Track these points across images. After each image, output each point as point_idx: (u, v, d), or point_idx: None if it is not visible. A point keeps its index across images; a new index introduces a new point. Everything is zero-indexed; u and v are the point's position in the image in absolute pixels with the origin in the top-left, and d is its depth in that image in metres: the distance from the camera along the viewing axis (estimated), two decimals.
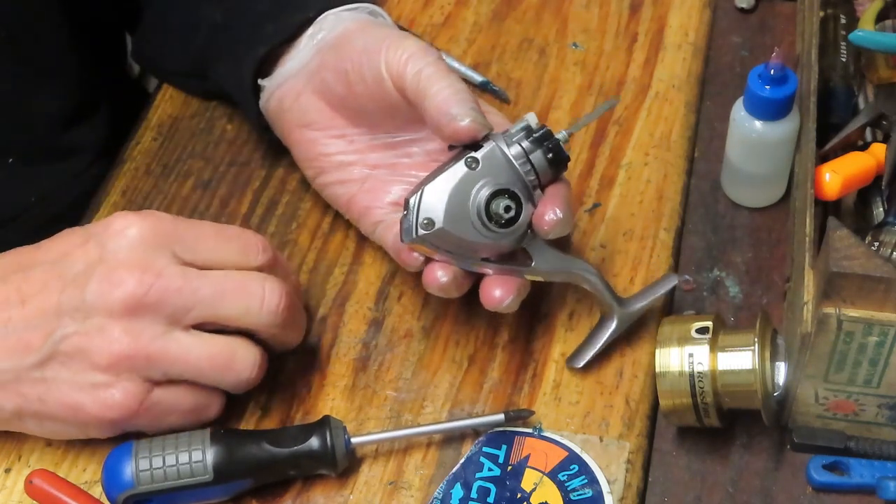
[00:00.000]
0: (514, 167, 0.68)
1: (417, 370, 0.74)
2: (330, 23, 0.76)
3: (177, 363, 0.65)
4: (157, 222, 0.66)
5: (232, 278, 0.66)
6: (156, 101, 0.90)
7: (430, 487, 0.69)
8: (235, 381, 0.67)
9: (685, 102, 0.88)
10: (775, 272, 0.78)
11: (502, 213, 0.67)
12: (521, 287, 0.69)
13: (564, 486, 0.68)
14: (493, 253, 0.69)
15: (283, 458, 0.67)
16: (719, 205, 0.82)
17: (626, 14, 0.95)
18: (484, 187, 0.67)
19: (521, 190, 0.68)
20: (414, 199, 0.67)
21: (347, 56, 0.73)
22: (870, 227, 0.74)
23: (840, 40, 0.84)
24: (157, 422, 0.67)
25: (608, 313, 0.73)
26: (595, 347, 0.73)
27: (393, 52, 0.70)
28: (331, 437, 0.67)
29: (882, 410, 0.67)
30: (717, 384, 0.67)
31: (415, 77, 0.68)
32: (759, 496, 0.68)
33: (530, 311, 0.76)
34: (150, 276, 0.64)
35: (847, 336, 0.63)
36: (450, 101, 0.67)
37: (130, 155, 0.87)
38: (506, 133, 0.69)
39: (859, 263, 0.61)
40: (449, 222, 0.67)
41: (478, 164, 0.67)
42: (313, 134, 0.76)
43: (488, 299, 0.69)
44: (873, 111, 0.77)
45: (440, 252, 0.68)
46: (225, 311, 0.66)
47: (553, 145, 0.68)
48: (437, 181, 0.67)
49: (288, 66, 0.77)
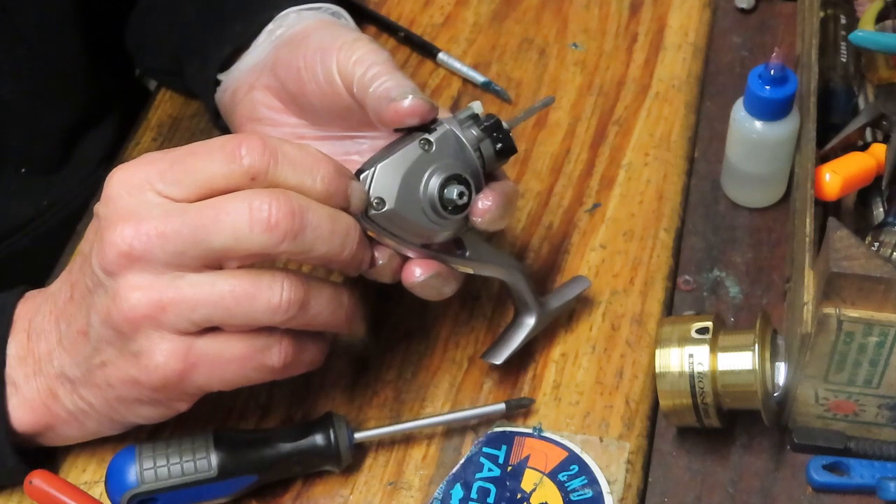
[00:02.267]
0: (468, 152, 0.66)
1: (417, 370, 0.74)
2: (290, 20, 0.76)
3: (198, 306, 0.61)
4: (135, 167, 0.61)
5: (211, 204, 0.60)
6: (156, 101, 0.90)
7: (430, 487, 0.69)
8: (266, 308, 0.61)
9: (685, 102, 0.88)
10: (775, 272, 0.78)
11: (455, 200, 0.65)
12: (442, 271, 0.67)
13: (564, 486, 0.68)
14: (434, 240, 0.67)
15: (287, 453, 0.67)
16: (719, 205, 0.82)
17: (626, 14, 0.95)
18: (437, 172, 0.65)
19: (472, 177, 0.66)
20: (366, 176, 0.65)
21: (301, 54, 0.71)
22: (870, 227, 0.74)
23: (840, 40, 0.84)
24: (218, 375, 0.63)
25: (526, 312, 0.73)
26: (514, 345, 0.72)
27: (345, 54, 0.69)
28: (334, 432, 0.67)
29: (882, 411, 0.67)
30: (717, 384, 0.67)
31: (361, 78, 0.67)
32: (759, 496, 0.68)
33: None
34: (130, 227, 0.60)
35: (847, 336, 0.63)
36: (390, 88, 0.66)
37: (130, 155, 0.87)
38: (455, 117, 0.67)
39: (859, 264, 0.61)
40: (400, 204, 0.65)
41: (431, 147, 0.65)
42: (262, 128, 0.75)
43: (408, 277, 0.67)
44: (873, 111, 0.77)
45: (384, 234, 0.65)
46: (215, 245, 0.59)
47: (503, 136, 0.67)
48: (390, 160, 0.65)
49: (245, 60, 0.77)
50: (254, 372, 0.63)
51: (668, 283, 0.78)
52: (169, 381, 0.62)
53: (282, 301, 0.61)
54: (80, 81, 0.90)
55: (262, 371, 0.63)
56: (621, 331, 0.75)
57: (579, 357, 0.74)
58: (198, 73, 0.81)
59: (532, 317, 0.72)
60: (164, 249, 0.60)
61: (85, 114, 0.91)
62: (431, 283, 0.67)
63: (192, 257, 0.60)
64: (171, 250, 0.60)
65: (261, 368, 0.63)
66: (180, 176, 0.60)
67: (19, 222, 0.89)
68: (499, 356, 0.72)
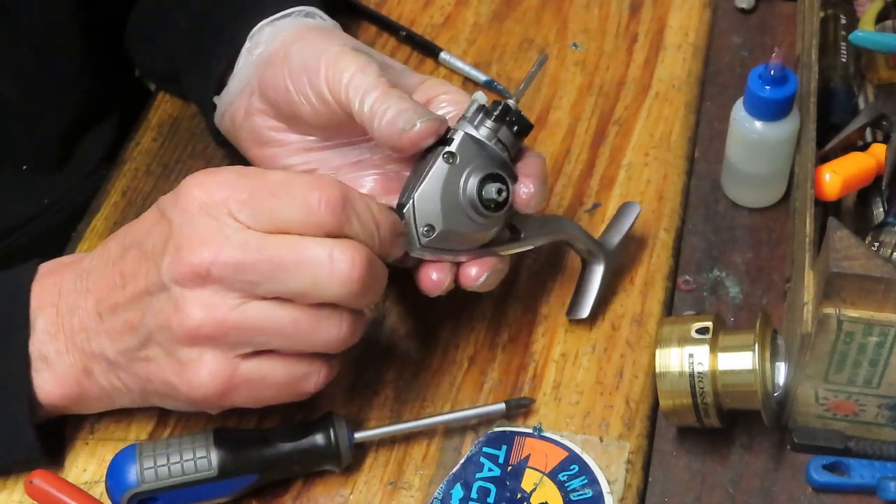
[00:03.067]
0: (490, 149, 0.68)
1: (417, 370, 0.74)
2: (266, 36, 0.75)
3: (260, 333, 0.62)
4: (215, 187, 0.62)
5: (290, 244, 0.61)
6: (156, 102, 0.90)
7: (430, 487, 0.69)
8: (325, 342, 0.63)
9: (685, 103, 0.88)
10: (775, 272, 0.78)
11: (495, 197, 0.67)
12: (497, 265, 0.69)
13: (564, 486, 0.68)
14: (488, 238, 0.69)
15: (287, 453, 0.67)
16: (719, 205, 0.82)
17: (626, 14, 0.95)
18: (470, 177, 0.67)
19: (503, 169, 0.68)
20: (408, 210, 0.67)
21: (286, 74, 0.71)
22: (870, 227, 0.74)
23: (840, 41, 0.84)
24: (254, 397, 0.64)
25: (593, 260, 0.74)
26: (593, 295, 0.74)
27: (332, 74, 0.69)
28: (334, 432, 0.67)
29: (882, 411, 0.67)
30: (717, 384, 0.67)
31: (359, 109, 0.68)
32: (759, 496, 0.68)
33: (530, 312, 0.76)
34: (209, 252, 0.61)
35: (847, 336, 0.63)
36: (393, 119, 0.66)
37: (131, 155, 0.87)
38: (465, 118, 0.68)
39: (859, 264, 0.61)
40: (448, 222, 0.67)
41: (455, 158, 0.67)
42: (271, 150, 0.75)
43: (465, 280, 0.69)
44: (873, 111, 0.77)
45: (442, 254, 0.68)
46: (292, 286, 0.61)
47: (516, 117, 0.69)
48: (423, 186, 0.67)
49: (232, 85, 0.76)
50: (288, 396, 0.65)
51: (668, 283, 0.78)
52: (208, 398, 0.63)
53: (340, 336, 0.63)
54: (81, 81, 0.90)
55: (295, 395, 0.65)
56: (621, 331, 0.76)
57: (579, 357, 0.74)
58: (196, 85, 0.80)
59: (600, 262, 0.74)
60: (239, 278, 0.61)
61: (85, 113, 0.91)
62: (490, 280, 0.69)
63: (265, 290, 0.62)
64: (246, 279, 0.61)
65: (296, 394, 0.65)
66: (258, 210, 0.62)
67: (19, 221, 0.89)
68: (583, 310, 0.74)
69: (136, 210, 0.83)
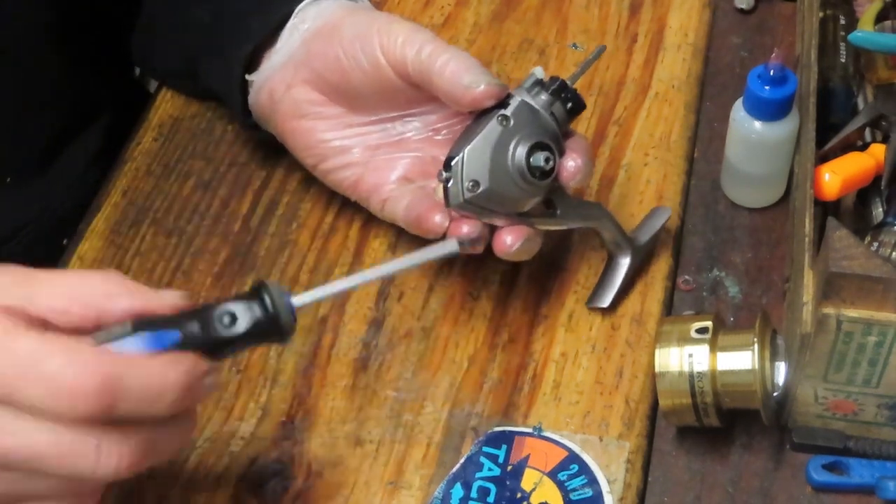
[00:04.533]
0: (544, 119, 0.69)
1: (418, 370, 0.74)
2: (312, 13, 0.76)
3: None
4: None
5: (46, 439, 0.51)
6: (156, 102, 0.91)
7: (430, 487, 0.69)
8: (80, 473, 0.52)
9: (685, 103, 0.88)
10: (775, 272, 0.78)
11: (542, 166, 0.68)
12: (532, 235, 0.70)
13: (564, 485, 0.68)
14: (527, 207, 0.70)
15: (218, 315, 0.57)
16: (719, 205, 0.82)
17: (626, 15, 0.95)
18: (520, 143, 0.68)
19: (552, 140, 0.69)
20: (457, 163, 0.68)
21: (338, 44, 0.72)
22: (869, 227, 0.74)
23: (839, 41, 0.84)
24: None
25: (620, 252, 0.75)
26: (616, 286, 0.75)
27: (387, 38, 0.70)
28: (270, 297, 0.57)
29: (881, 410, 0.67)
30: (717, 384, 0.67)
31: (416, 58, 0.69)
32: (759, 496, 0.69)
33: (530, 312, 0.76)
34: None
35: (846, 336, 0.63)
36: (459, 72, 0.68)
37: (131, 155, 0.87)
38: (523, 87, 0.70)
39: (859, 264, 0.61)
40: (494, 181, 0.68)
41: (509, 122, 0.68)
42: (309, 123, 0.76)
43: (500, 246, 0.70)
44: (873, 111, 0.77)
45: (483, 213, 0.69)
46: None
47: (571, 95, 0.70)
48: (475, 143, 0.68)
49: (274, 59, 0.77)
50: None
51: (667, 283, 0.78)
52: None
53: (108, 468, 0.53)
54: (65, 93, 0.90)
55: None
56: (621, 331, 0.76)
57: (579, 357, 0.74)
58: (218, 73, 0.81)
59: (626, 256, 0.75)
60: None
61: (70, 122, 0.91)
62: (524, 248, 0.70)
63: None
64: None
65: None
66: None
67: (7, 231, 0.88)
68: (604, 299, 0.75)
69: (136, 210, 0.83)
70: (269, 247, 0.81)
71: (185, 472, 0.70)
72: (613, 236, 0.75)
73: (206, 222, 0.82)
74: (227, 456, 0.70)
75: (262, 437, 0.71)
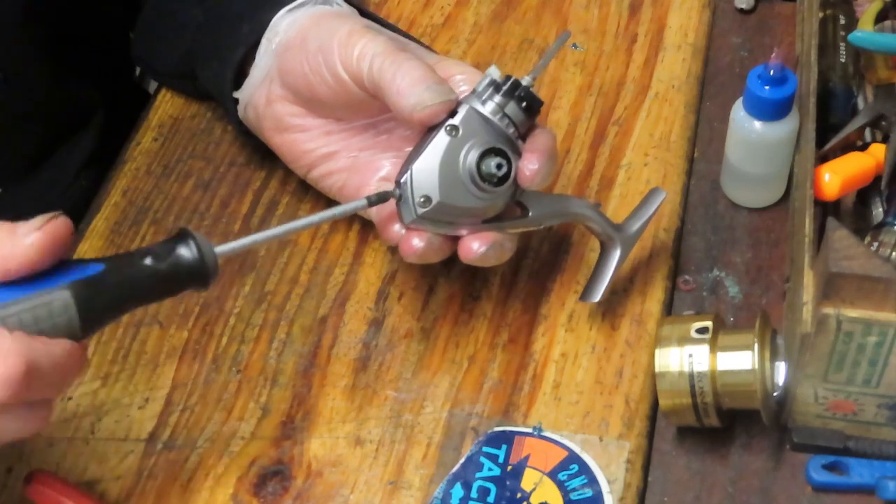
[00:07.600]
0: (494, 124, 0.68)
1: (417, 370, 0.74)
2: (286, 24, 0.76)
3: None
4: None
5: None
6: (156, 102, 0.91)
7: (430, 487, 0.69)
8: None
9: (685, 103, 0.88)
10: (775, 272, 0.78)
11: (495, 172, 0.67)
12: (499, 240, 0.69)
13: (564, 485, 0.68)
14: (493, 213, 0.69)
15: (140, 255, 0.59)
16: (719, 205, 0.82)
17: (626, 15, 0.95)
18: (471, 151, 0.67)
19: (506, 145, 0.68)
20: (405, 180, 0.67)
21: (303, 58, 0.72)
22: (869, 227, 0.74)
23: (839, 41, 0.84)
24: None
25: (609, 244, 0.74)
26: (606, 279, 0.73)
27: (345, 51, 0.69)
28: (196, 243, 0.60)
29: (881, 410, 0.67)
30: (717, 384, 0.67)
31: (369, 74, 0.68)
32: (759, 496, 0.69)
33: (530, 312, 0.76)
34: None
35: (846, 336, 0.63)
36: (404, 91, 0.67)
37: (131, 155, 0.87)
38: (475, 93, 0.69)
39: (859, 264, 0.61)
40: (445, 194, 0.67)
41: (458, 131, 0.67)
42: (292, 136, 0.76)
43: (465, 252, 0.68)
44: (872, 111, 0.77)
45: (441, 227, 0.68)
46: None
47: (525, 94, 0.69)
48: (422, 157, 0.67)
49: (254, 74, 0.77)
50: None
51: (667, 283, 0.78)
52: None
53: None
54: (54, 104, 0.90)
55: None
56: (621, 331, 0.76)
57: (579, 357, 0.74)
58: (214, 77, 0.81)
59: (616, 247, 0.74)
60: None
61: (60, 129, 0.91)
62: (490, 254, 0.69)
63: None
64: None
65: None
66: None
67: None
68: (595, 294, 0.73)
69: (136, 210, 0.83)
70: (269, 247, 0.81)
71: (185, 472, 0.70)
72: (600, 229, 0.74)
73: (206, 222, 0.82)
74: (227, 456, 0.71)
75: (262, 437, 0.71)
